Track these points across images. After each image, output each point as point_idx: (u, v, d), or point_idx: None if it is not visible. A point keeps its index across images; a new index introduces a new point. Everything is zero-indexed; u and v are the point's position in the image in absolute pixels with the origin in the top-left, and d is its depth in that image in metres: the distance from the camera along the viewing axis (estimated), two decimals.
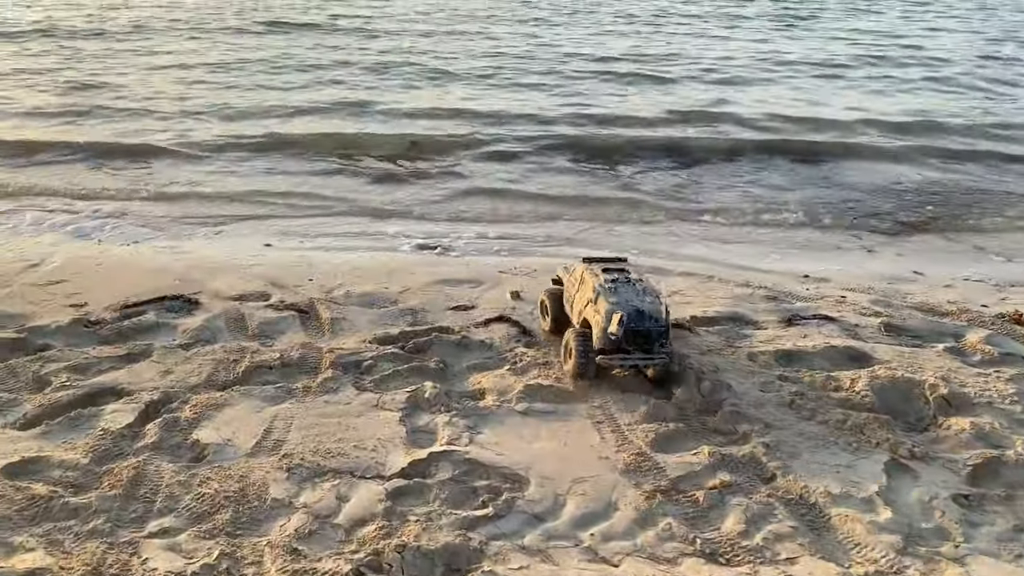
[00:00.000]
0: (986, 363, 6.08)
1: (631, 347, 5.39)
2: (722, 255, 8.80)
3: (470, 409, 5.28)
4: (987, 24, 30.95)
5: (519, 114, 14.62)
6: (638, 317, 5.34)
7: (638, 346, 5.41)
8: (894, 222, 9.91)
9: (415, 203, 10.42)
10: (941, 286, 7.75)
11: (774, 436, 5.00)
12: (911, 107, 16.10)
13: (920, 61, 21.52)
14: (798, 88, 17.66)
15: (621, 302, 5.36)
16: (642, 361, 5.47)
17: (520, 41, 23.44)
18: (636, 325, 5.34)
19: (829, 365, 5.98)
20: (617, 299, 5.38)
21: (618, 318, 5.28)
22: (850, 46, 24.07)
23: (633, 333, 5.35)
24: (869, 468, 4.73)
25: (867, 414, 5.21)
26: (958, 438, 5.05)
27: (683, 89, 17.26)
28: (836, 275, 8.02)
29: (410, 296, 7.14)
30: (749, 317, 6.82)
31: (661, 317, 5.40)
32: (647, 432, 5.01)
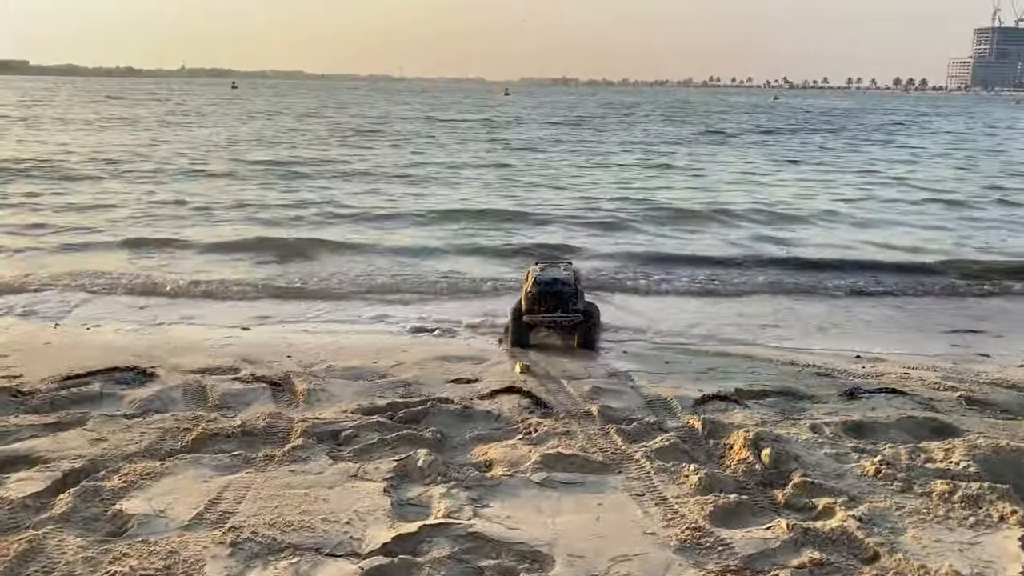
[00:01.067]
0: None
1: (548, 306, 6.69)
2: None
3: (474, 480, 4.18)
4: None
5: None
6: (551, 282, 6.74)
7: (553, 306, 6.72)
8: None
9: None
10: (1015, 365, 6.75)
11: (867, 510, 3.87)
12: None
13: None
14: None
15: (540, 274, 6.83)
16: (558, 318, 6.73)
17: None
18: (548, 287, 6.71)
19: (910, 437, 4.90)
20: (539, 273, 6.85)
21: (532, 277, 6.79)
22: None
23: (546, 293, 6.71)
24: (1001, 545, 3.58)
25: (980, 484, 4.10)
26: None
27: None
28: (892, 356, 7.03)
29: (403, 371, 6.14)
30: (803, 392, 5.79)
31: (571, 282, 6.75)
32: (702, 505, 3.89)
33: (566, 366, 6.40)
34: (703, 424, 4.94)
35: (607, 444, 4.68)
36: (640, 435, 4.81)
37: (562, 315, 6.74)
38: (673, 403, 5.46)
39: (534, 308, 6.73)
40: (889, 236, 13.97)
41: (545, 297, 6.69)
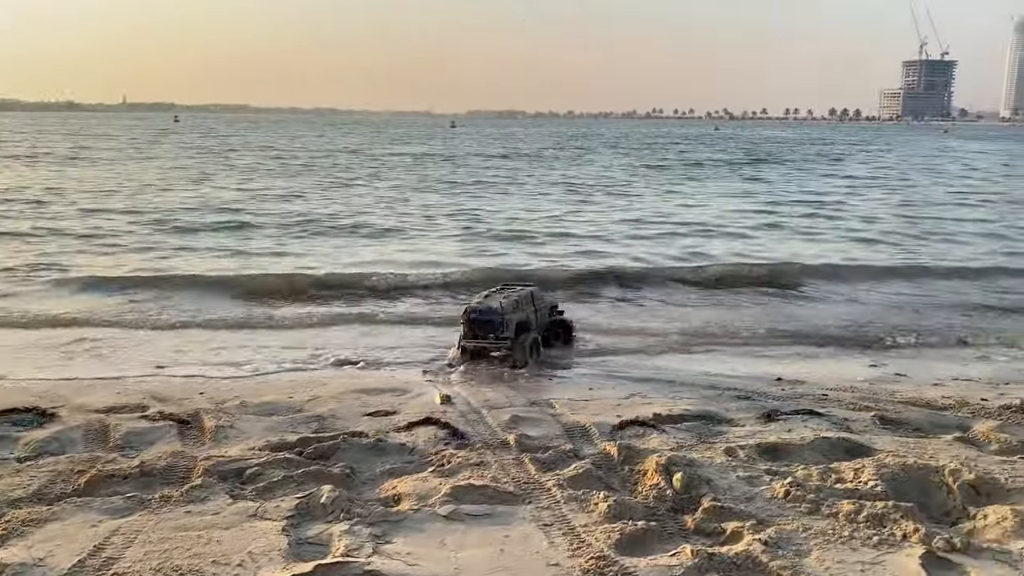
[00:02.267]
0: (1007, 451, 5.10)
1: (479, 333, 7.26)
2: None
3: (379, 516, 4.05)
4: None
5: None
6: (480, 310, 7.26)
7: (484, 333, 7.26)
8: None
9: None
10: (929, 384, 6.88)
11: (774, 533, 3.84)
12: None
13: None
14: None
15: (473, 303, 7.40)
16: (487, 344, 7.29)
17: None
18: (477, 316, 7.26)
19: (822, 457, 4.93)
20: (476, 300, 7.46)
21: (464, 309, 7.37)
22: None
23: (475, 321, 7.27)
24: (902, 564, 3.59)
25: (885, 504, 4.12)
26: (1002, 527, 3.97)
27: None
28: (812, 377, 7.11)
29: (319, 405, 5.99)
30: (721, 415, 5.80)
31: (500, 311, 7.23)
32: (609, 533, 3.83)
33: (488, 395, 6.32)
34: (619, 450, 4.90)
35: (520, 474, 4.60)
36: (555, 463, 4.74)
37: (490, 341, 7.30)
38: (591, 430, 5.42)
39: (467, 335, 7.37)
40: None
41: (474, 325, 7.29)
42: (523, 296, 7.75)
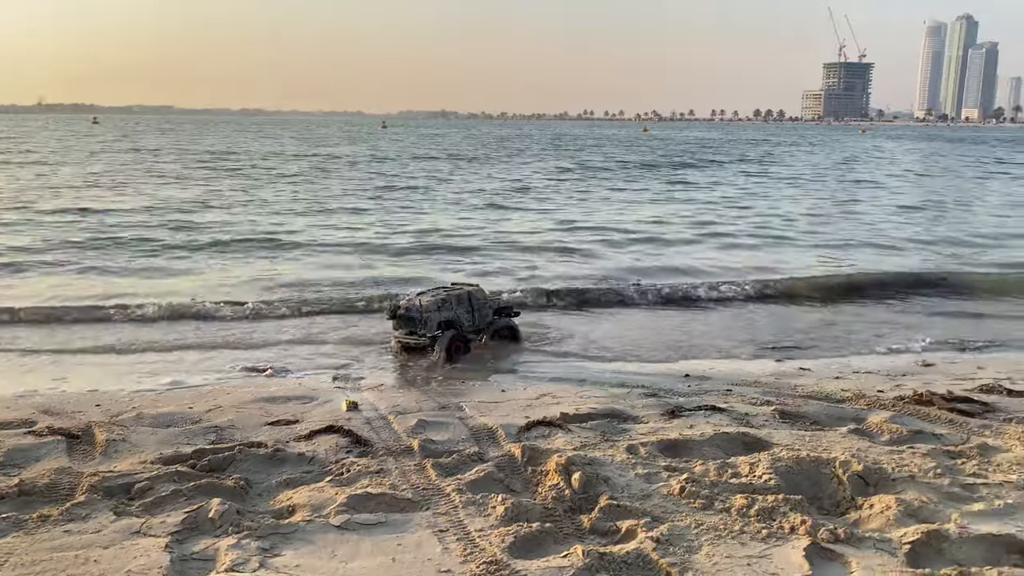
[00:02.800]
0: (896, 441, 5.28)
1: (402, 328, 7.84)
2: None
3: (269, 528, 3.94)
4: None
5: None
6: (403, 307, 7.79)
7: (406, 328, 7.83)
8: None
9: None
10: (831, 377, 7.07)
11: (666, 530, 3.88)
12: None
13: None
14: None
15: (404, 298, 8.04)
16: (408, 339, 7.84)
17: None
18: (401, 312, 7.78)
19: (722, 452, 5.01)
20: (407, 297, 8.08)
21: (388, 304, 8.07)
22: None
23: (397, 316, 7.84)
24: (787, 557, 3.66)
25: (775, 497, 4.20)
26: (885, 516, 4.09)
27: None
28: (719, 373, 7.24)
29: (219, 415, 5.81)
30: (628, 413, 5.85)
31: (420, 309, 7.71)
32: (504, 536, 3.81)
33: (397, 400, 6.25)
34: (522, 451, 4.88)
35: (421, 480, 4.54)
36: (457, 468, 4.70)
37: (410, 336, 7.83)
38: (498, 432, 5.40)
39: (395, 328, 7.98)
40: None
41: (400, 320, 7.86)
42: (454, 296, 7.99)
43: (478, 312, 8.18)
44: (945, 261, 14.71)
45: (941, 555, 3.73)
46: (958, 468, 4.78)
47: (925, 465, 4.75)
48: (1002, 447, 5.14)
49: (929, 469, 4.69)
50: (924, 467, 4.72)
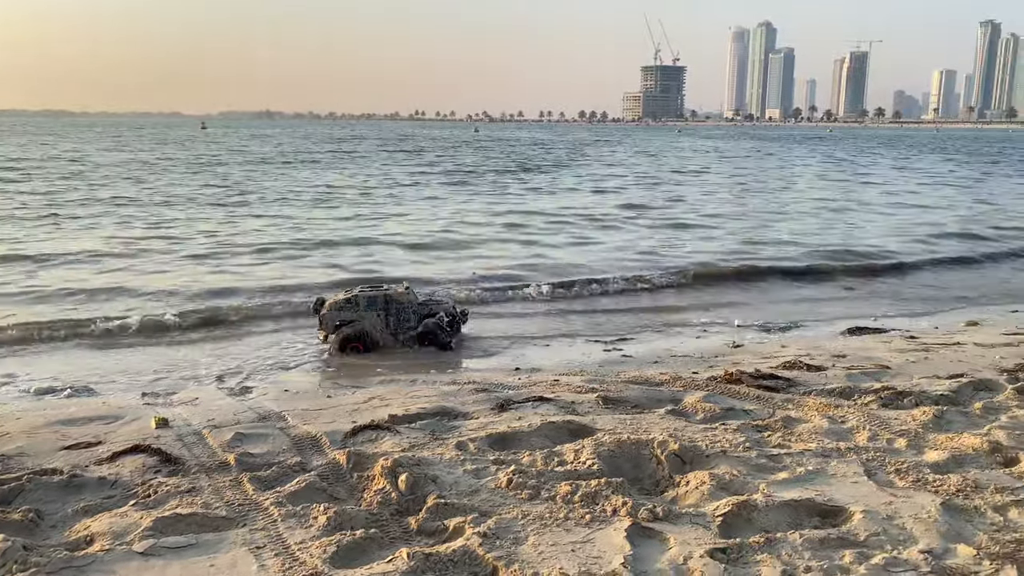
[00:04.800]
0: (710, 419, 5.56)
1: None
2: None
3: (61, 562, 3.56)
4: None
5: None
6: (315, 306, 8.39)
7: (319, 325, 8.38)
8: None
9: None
10: (650, 363, 7.37)
11: (493, 524, 3.86)
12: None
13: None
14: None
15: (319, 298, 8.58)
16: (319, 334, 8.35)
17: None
18: (313, 308, 8.44)
19: (549, 442, 5.07)
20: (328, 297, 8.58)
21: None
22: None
23: (315, 313, 8.40)
24: (609, 539, 3.73)
25: (598, 481, 4.29)
26: (700, 491, 4.28)
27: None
28: (548, 364, 7.36)
29: (4, 442, 5.22)
30: (458, 410, 5.81)
31: (317, 310, 8.30)
32: (325, 547, 3.64)
33: (213, 414, 5.87)
34: (348, 457, 4.72)
35: (236, 495, 4.27)
36: (277, 480, 4.47)
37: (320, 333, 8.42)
38: (323, 439, 5.19)
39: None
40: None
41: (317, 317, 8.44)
42: (364, 297, 8.14)
43: (394, 315, 8.05)
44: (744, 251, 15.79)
45: (751, 524, 3.94)
46: (765, 441, 5.09)
47: (735, 440, 5.02)
48: (803, 418, 5.53)
49: (739, 444, 4.96)
50: (735, 442, 4.99)
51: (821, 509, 4.10)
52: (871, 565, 3.49)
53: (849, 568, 3.48)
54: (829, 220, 20.73)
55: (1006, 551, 3.62)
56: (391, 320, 8.11)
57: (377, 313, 8.05)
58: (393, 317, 8.12)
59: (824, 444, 4.97)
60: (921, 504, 4.10)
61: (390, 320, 8.10)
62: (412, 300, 8.28)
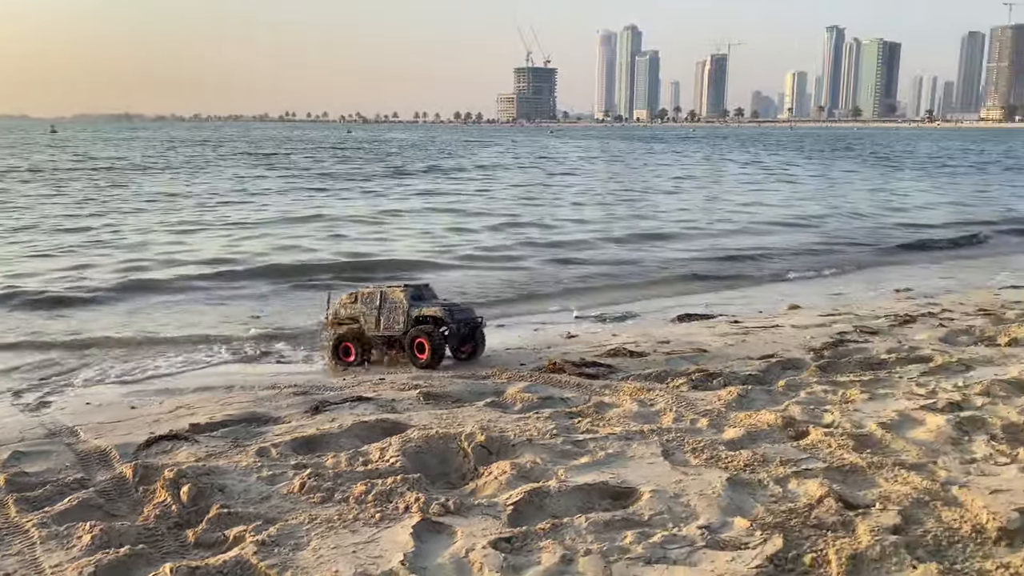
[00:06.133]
0: (526, 409, 5.57)
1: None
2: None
3: None
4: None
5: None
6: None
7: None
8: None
9: None
10: (485, 356, 7.33)
11: (276, 531, 3.68)
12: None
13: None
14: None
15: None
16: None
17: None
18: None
19: (358, 442, 4.92)
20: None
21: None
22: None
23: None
24: (395, 537, 3.63)
25: (395, 479, 4.18)
26: (499, 481, 4.24)
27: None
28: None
29: None
30: (269, 415, 5.57)
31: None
32: (82, 569, 3.36)
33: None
34: (134, 471, 4.41)
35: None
36: (48, 499, 4.12)
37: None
38: (112, 453, 4.84)
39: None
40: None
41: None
42: (364, 293, 7.28)
43: (385, 315, 7.02)
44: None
45: (541, 510, 3.93)
46: (574, 427, 5.13)
47: (545, 428, 5.03)
48: (615, 403, 5.62)
49: (547, 431, 4.97)
50: (543, 430, 5.00)
51: (613, 491, 4.15)
52: (649, 544, 3.54)
53: (628, 548, 3.52)
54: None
55: (777, 521, 3.75)
56: (380, 319, 7.07)
57: (371, 310, 7.06)
58: (384, 316, 7.07)
59: (629, 427, 5.06)
60: (708, 481, 4.22)
61: (380, 319, 7.08)
62: (402, 299, 7.03)
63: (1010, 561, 3.32)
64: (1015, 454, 4.56)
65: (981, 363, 6.51)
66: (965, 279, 12.14)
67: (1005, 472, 4.31)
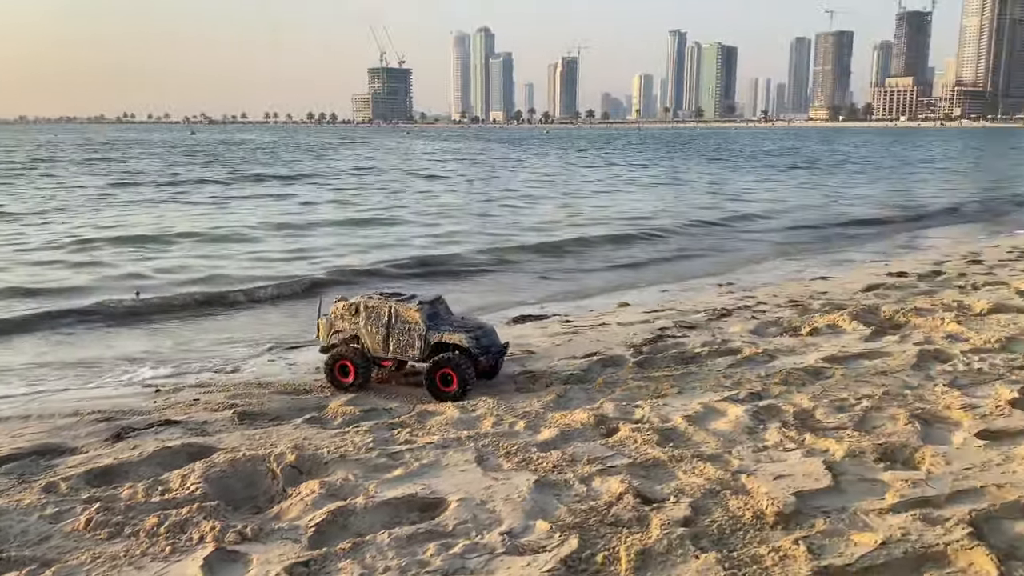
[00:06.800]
0: (346, 423, 5.46)
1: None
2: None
3: None
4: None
5: None
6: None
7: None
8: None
9: None
10: (314, 368, 7.14)
11: (51, 574, 3.41)
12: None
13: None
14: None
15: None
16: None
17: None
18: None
19: (160, 469, 4.65)
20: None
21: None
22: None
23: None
24: (183, 571, 3.45)
25: (191, 507, 3.98)
26: (305, 502, 4.13)
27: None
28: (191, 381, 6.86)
29: None
30: (65, 445, 5.17)
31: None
32: None
33: None
34: None
35: None
36: None
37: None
38: None
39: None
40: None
41: None
42: (369, 305, 6.32)
43: (396, 337, 6.18)
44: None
45: (345, 529, 3.85)
46: (393, 438, 5.07)
47: (362, 442, 4.95)
48: (438, 411, 5.60)
49: (364, 445, 4.89)
50: (360, 444, 4.91)
51: (423, 503, 4.13)
52: (449, 555, 3.55)
53: (428, 561, 3.51)
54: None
55: (577, 521, 3.85)
56: (391, 339, 6.22)
57: (377, 327, 6.23)
58: (395, 336, 6.22)
59: (448, 435, 5.06)
60: (516, 484, 4.27)
61: (389, 339, 6.24)
62: (418, 318, 6.15)
63: (781, 544, 3.55)
64: (802, 439, 4.90)
65: (784, 353, 6.97)
66: (783, 273, 12.95)
67: (791, 457, 4.62)
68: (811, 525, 3.76)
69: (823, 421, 5.22)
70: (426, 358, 6.12)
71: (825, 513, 3.88)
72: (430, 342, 6.11)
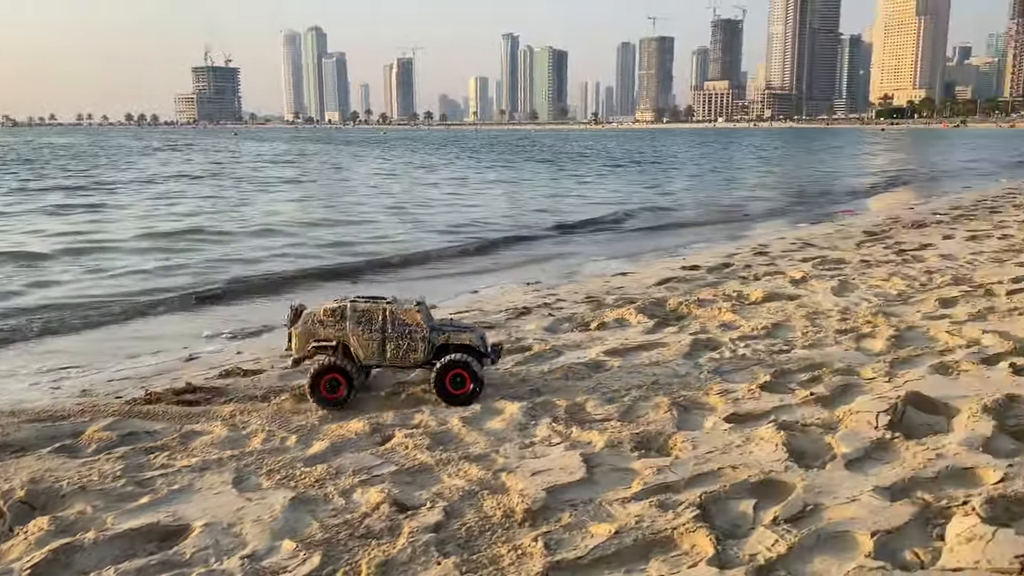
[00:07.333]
0: (100, 450, 5.05)
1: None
2: None
3: None
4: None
5: None
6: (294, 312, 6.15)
7: None
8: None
9: None
10: (108, 393, 6.59)
11: None
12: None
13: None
14: None
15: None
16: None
17: None
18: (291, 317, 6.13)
19: None
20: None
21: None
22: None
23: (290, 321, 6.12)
24: None
25: None
26: (29, 541, 3.77)
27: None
28: None
29: None
30: None
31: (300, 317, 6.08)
32: None
33: None
34: None
35: None
36: None
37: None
38: None
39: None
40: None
41: None
42: (357, 308, 5.76)
43: (394, 341, 5.71)
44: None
45: (68, 568, 3.55)
46: (148, 464, 4.74)
47: (110, 470, 4.60)
48: (206, 431, 5.31)
49: (111, 473, 4.55)
50: (107, 472, 4.56)
51: (164, 532, 3.88)
52: None
53: None
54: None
55: (326, 536, 3.74)
56: (387, 344, 5.79)
57: (367, 330, 5.71)
58: (393, 340, 5.78)
59: (209, 456, 4.80)
60: (271, 504, 4.11)
61: (386, 344, 5.79)
62: (417, 320, 5.81)
63: (522, 542, 3.61)
64: (569, 433, 5.03)
65: (570, 348, 7.16)
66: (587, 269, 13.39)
67: (553, 452, 4.73)
68: (557, 520, 3.84)
69: (592, 413, 5.39)
70: (429, 361, 5.84)
71: (573, 506, 3.99)
72: (435, 344, 5.83)
